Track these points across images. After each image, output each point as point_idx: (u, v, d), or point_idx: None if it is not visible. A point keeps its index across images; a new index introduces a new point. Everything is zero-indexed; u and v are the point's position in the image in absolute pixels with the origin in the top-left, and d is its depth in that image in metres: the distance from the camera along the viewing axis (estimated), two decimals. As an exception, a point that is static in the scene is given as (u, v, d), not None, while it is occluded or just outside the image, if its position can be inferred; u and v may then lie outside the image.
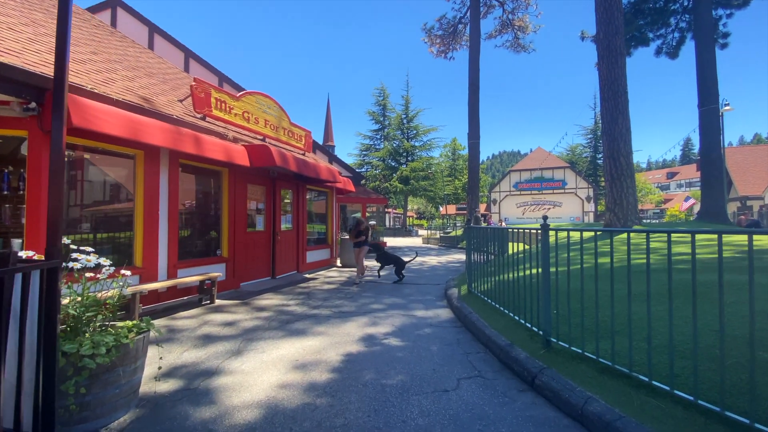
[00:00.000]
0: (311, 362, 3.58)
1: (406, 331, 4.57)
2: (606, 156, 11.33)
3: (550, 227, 3.30)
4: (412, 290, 7.28)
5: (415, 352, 3.86)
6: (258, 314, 5.36)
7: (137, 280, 5.28)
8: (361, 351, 3.87)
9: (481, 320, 4.46)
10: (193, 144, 5.55)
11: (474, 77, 20.62)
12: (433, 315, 5.38)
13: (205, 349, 3.91)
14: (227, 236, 6.95)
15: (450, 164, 44.17)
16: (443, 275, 9.35)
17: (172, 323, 4.85)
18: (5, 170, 4.82)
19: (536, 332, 3.60)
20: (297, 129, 9.40)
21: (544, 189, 36.08)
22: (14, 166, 4.90)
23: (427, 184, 34.87)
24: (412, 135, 36.54)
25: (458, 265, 11.69)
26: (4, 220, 4.76)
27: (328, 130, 37.58)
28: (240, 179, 7.23)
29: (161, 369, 3.27)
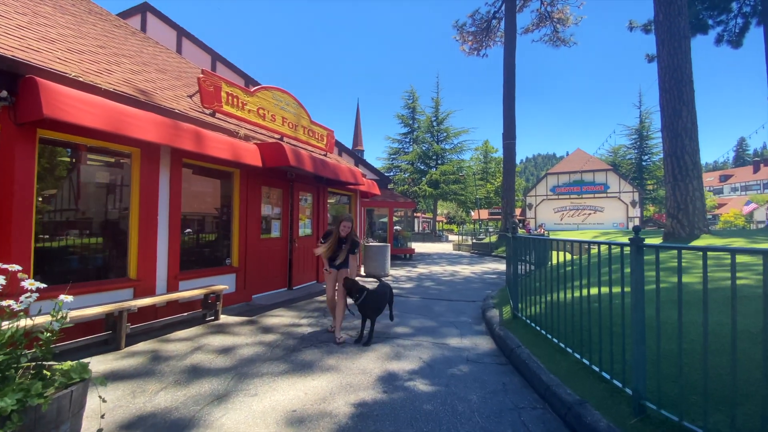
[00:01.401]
0: (312, 416, 2.74)
1: (437, 369, 3.65)
2: (667, 154, 9.89)
3: (645, 243, 2.30)
4: (444, 308, 6.33)
5: (448, 403, 2.93)
6: (262, 337, 4.61)
7: (131, 294, 4.68)
8: (378, 400, 2.99)
9: (533, 359, 3.46)
10: (194, 141, 4.92)
11: (509, 74, 19.37)
12: (470, 345, 4.42)
13: (186, 388, 3.17)
14: (238, 243, 6.31)
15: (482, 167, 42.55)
16: (479, 289, 8.31)
17: (161, 347, 4.18)
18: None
19: (619, 387, 2.59)
20: (318, 128, 8.72)
21: (584, 193, 33.80)
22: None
23: (457, 188, 33.60)
24: (442, 138, 35.43)
25: (495, 276, 10.57)
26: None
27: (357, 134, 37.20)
28: (253, 181, 6.58)
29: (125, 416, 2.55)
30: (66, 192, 4.41)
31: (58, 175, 4.31)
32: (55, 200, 4.31)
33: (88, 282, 4.38)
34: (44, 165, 4.11)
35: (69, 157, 4.38)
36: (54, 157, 4.24)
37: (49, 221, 4.22)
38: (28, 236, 3.75)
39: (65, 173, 4.38)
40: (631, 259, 2.34)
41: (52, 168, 4.21)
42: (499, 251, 18.35)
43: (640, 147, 40.09)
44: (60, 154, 4.29)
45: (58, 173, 4.31)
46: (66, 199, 4.43)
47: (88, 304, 4.18)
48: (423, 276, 10.43)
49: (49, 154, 4.17)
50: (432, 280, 9.59)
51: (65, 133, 4.11)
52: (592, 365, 2.92)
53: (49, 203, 4.23)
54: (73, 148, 4.35)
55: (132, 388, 3.14)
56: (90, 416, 2.64)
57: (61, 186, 4.36)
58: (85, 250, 4.52)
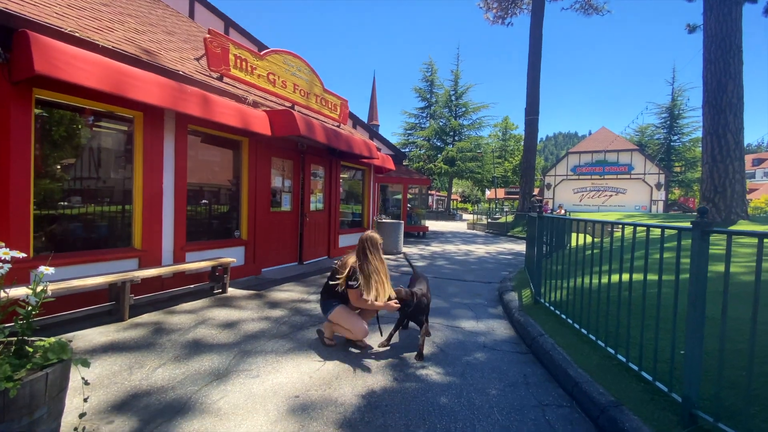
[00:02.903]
0: (316, 402, 2.54)
1: (452, 356, 3.40)
2: (707, 132, 9.16)
3: (711, 227, 1.91)
4: (458, 289, 6.06)
5: (464, 396, 2.68)
6: (269, 312, 4.44)
7: (136, 264, 4.54)
8: (388, 388, 2.77)
9: (558, 350, 3.17)
10: (200, 105, 4.61)
11: (535, 44, 18.26)
12: (486, 329, 4.15)
13: (186, 365, 3.00)
14: (247, 216, 6.09)
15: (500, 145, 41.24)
16: (494, 269, 8.00)
17: (165, 319, 4.05)
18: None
19: (663, 391, 2.28)
20: (331, 96, 8.29)
21: (607, 174, 32.47)
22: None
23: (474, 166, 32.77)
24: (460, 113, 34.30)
25: (510, 257, 10.22)
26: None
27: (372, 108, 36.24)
28: (263, 151, 6.29)
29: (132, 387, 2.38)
30: (67, 158, 4.20)
31: (58, 140, 4.09)
32: (55, 166, 4.10)
33: (92, 251, 4.24)
34: (42, 128, 3.88)
35: (69, 120, 4.14)
36: (53, 120, 4.00)
37: (50, 188, 4.03)
38: (26, 201, 3.57)
39: (66, 137, 4.15)
40: (693, 246, 1.97)
41: (51, 131, 3.98)
42: (515, 231, 17.89)
43: (670, 126, 38.09)
44: (59, 117, 4.05)
45: (58, 137, 4.08)
46: (67, 165, 4.22)
47: (92, 273, 4.05)
48: (436, 254, 10.16)
49: (47, 117, 3.94)
50: (445, 259, 9.31)
51: (63, 94, 3.85)
52: (629, 362, 2.61)
53: (50, 169, 4.03)
54: (72, 110, 4.10)
55: (130, 362, 2.99)
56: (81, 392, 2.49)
57: (61, 151, 4.15)
58: (88, 218, 4.35)
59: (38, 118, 3.80)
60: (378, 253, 3.40)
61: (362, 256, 3.36)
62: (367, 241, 3.40)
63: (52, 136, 4.02)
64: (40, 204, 3.89)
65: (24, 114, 3.56)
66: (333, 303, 3.43)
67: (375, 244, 3.41)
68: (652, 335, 2.56)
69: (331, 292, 3.44)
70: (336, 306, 3.40)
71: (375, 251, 3.38)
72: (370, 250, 3.36)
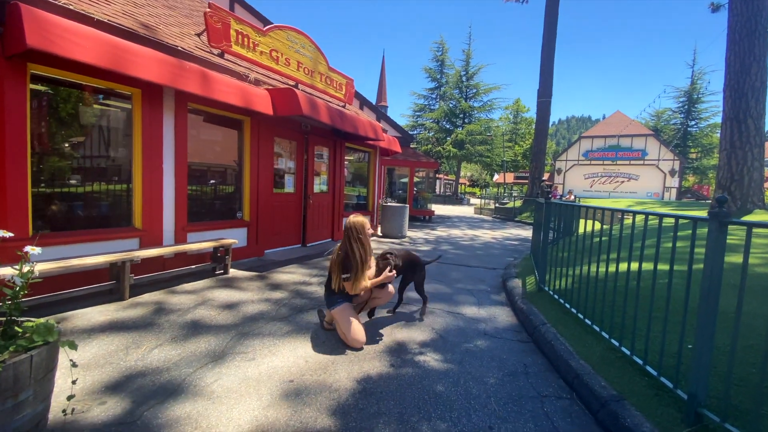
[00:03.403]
0: (311, 387, 2.51)
1: (451, 342, 3.34)
2: (727, 117, 8.79)
3: (730, 219, 1.78)
4: (461, 275, 5.98)
5: (461, 384, 2.63)
6: (270, 294, 4.42)
7: (136, 243, 4.53)
8: (384, 375, 2.72)
9: (560, 340, 3.09)
10: (200, 83, 4.49)
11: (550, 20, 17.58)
12: (488, 316, 4.08)
13: (182, 346, 2.99)
14: (249, 197, 6.03)
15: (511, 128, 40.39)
16: (499, 256, 7.90)
17: (166, 299, 4.05)
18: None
19: (667, 386, 2.19)
20: (336, 75, 8.07)
21: (620, 159, 31.72)
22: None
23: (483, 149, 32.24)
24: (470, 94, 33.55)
25: (516, 243, 10.09)
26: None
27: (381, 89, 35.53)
28: (265, 132, 6.17)
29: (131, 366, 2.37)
30: (65, 135, 4.14)
31: (55, 116, 4.02)
32: (53, 143, 4.04)
33: (92, 230, 4.22)
34: (39, 104, 3.80)
35: (66, 97, 4.05)
36: (49, 96, 3.92)
37: (49, 166, 3.99)
38: (23, 179, 3.53)
39: (63, 114, 4.07)
40: (709, 237, 1.84)
41: (47, 107, 3.91)
42: (523, 217, 17.67)
43: (688, 111, 36.88)
44: (55, 93, 3.97)
45: (55, 114, 4.01)
46: (65, 142, 4.16)
47: (92, 252, 4.04)
48: (441, 239, 10.06)
49: (43, 92, 3.85)
50: (450, 244, 9.22)
51: (59, 69, 3.75)
52: (634, 356, 2.52)
53: (47, 146, 3.98)
54: (69, 86, 4.00)
55: (127, 342, 2.99)
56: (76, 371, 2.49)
57: (59, 128, 4.08)
58: (88, 197, 4.32)
59: (34, 94, 3.72)
60: (365, 238, 3.27)
61: (350, 245, 3.21)
62: (349, 228, 3.24)
63: (49, 112, 3.95)
64: (39, 182, 3.85)
65: (19, 89, 3.48)
66: (338, 299, 3.27)
67: (358, 230, 3.23)
68: (659, 328, 2.46)
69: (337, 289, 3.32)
70: (340, 303, 3.24)
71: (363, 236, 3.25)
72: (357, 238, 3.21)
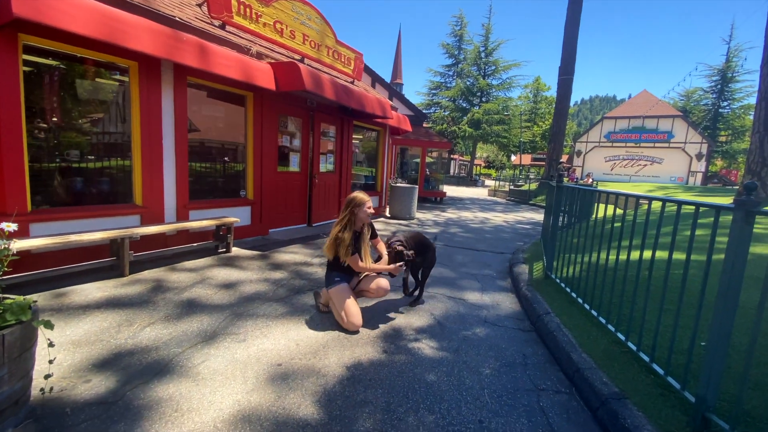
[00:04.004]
0: (299, 371, 2.44)
1: (449, 329, 3.23)
2: (762, 97, 8.18)
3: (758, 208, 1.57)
4: (467, 258, 5.83)
5: (454, 374, 2.53)
6: (269, 274, 4.37)
7: (137, 220, 4.51)
8: (375, 361, 2.64)
9: (564, 331, 2.94)
10: (197, 55, 4.33)
11: (576, -6, 16.55)
12: (491, 303, 3.95)
13: (175, 325, 2.97)
14: (252, 175, 5.94)
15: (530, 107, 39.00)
16: (509, 240, 7.69)
17: (165, 277, 4.04)
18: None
19: (674, 387, 2.03)
20: (344, 49, 7.77)
21: (644, 141, 30.39)
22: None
23: (500, 129, 31.28)
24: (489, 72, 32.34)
25: (529, 227, 9.83)
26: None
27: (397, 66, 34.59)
28: (269, 108, 6.01)
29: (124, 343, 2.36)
30: (61, 109, 4.07)
31: (50, 90, 3.94)
32: (50, 118, 3.99)
33: (92, 206, 4.21)
34: (32, 77, 3.72)
35: (60, 69, 3.96)
36: (43, 68, 3.83)
37: (47, 141, 3.95)
38: (19, 152, 3.49)
39: (58, 88, 4.00)
40: (733, 227, 1.64)
41: (41, 80, 3.83)
42: (538, 200, 17.24)
43: (721, 91, 34.85)
44: (49, 65, 3.88)
45: (49, 87, 3.93)
46: (62, 117, 4.10)
47: (93, 228, 4.04)
48: (451, 221, 9.87)
49: (37, 65, 3.76)
50: (459, 227, 9.03)
51: (51, 40, 3.65)
52: (640, 351, 2.36)
53: (44, 120, 3.93)
54: (63, 58, 3.90)
55: (120, 320, 2.98)
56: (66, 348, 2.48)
57: (55, 102, 4.01)
58: (88, 173, 4.29)
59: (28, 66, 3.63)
60: (361, 211, 3.16)
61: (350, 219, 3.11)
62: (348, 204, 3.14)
63: (44, 86, 3.87)
64: (38, 158, 3.83)
65: (10, 60, 3.39)
66: (335, 277, 3.18)
67: (357, 205, 3.12)
68: (670, 322, 2.29)
69: (334, 264, 3.22)
70: (338, 282, 3.14)
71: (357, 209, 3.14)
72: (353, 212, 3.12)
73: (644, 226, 2.63)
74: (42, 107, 3.89)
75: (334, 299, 3.11)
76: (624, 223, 2.94)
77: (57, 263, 3.72)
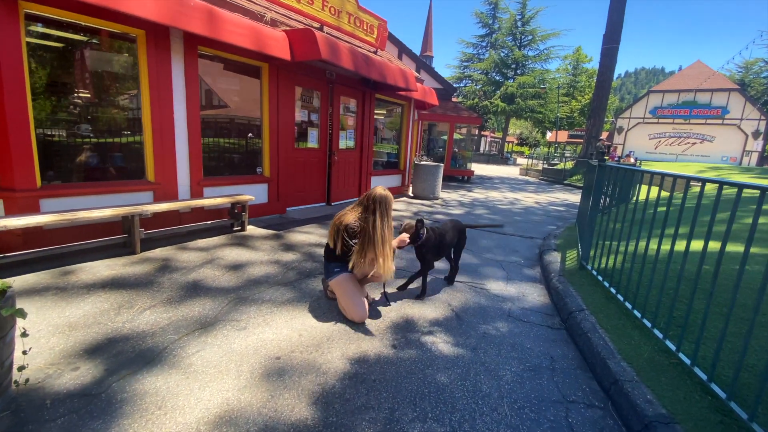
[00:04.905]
0: (297, 366, 2.24)
1: (467, 323, 2.94)
2: None
3: None
4: (493, 243, 5.44)
5: (471, 377, 2.25)
6: (281, 255, 4.20)
7: (150, 197, 4.42)
8: (382, 357, 2.40)
9: (599, 332, 2.57)
10: (204, 22, 4.06)
11: (628, -49, 14.87)
12: (516, 294, 3.60)
13: (176, 309, 2.83)
14: (269, 151, 5.73)
15: (569, 80, 36.54)
16: (539, 223, 7.18)
17: (175, 255, 3.95)
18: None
19: (738, 414, 1.66)
20: (366, 16, 7.26)
21: (694, 117, 27.85)
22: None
23: (535, 104, 29.61)
24: (525, 42, 30.43)
25: (562, 209, 9.21)
26: None
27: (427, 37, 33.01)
28: (285, 80, 5.71)
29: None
30: (69, 81, 3.94)
31: (55, 61, 3.81)
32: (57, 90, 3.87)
33: (104, 182, 4.14)
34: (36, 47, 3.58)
35: (65, 39, 3.81)
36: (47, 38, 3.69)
37: (54, 114, 3.85)
38: (25, 124, 3.39)
39: (63, 59, 3.85)
40: None
41: (45, 51, 3.69)
42: (573, 179, 16.27)
43: (789, 60, 31.22)
44: (53, 35, 3.72)
45: (54, 58, 3.80)
46: (70, 89, 3.97)
47: (104, 204, 3.98)
48: (477, 202, 9.39)
49: (40, 34, 3.62)
50: (486, 208, 8.55)
51: (53, 7, 3.47)
52: (694, 366, 1.97)
53: (50, 93, 3.81)
54: (67, 27, 3.73)
55: (122, 301, 2.88)
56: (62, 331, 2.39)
57: (61, 74, 3.88)
58: (100, 148, 4.20)
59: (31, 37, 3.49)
60: (388, 219, 2.82)
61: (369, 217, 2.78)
62: (379, 203, 2.80)
63: (48, 56, 3.74)
64: (47, 133, 3.74)
65: (12, 29, 3.24)
66: (335, 268, 2.94)
67: (387, 207, 2.83)
68: (737, 330, 1.89)
69: (333, 253, 2.98)
70: (338, 273, 2.90)
71: (385, 215, 2.81)
72: (381, 213, 2.79)
73: (712, 211, 2.18)
74: (48, 80, 3.76)
75: (336, 291, 2.88)
76: (672, 205, 2.48)
77: (71, 239, 3.69)
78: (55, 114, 3.84)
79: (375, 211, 2.78)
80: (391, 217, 2.87)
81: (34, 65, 3.56)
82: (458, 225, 3.61)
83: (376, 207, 2.79)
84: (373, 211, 2.79)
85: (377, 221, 2.76)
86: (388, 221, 2.83)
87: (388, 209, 2.84)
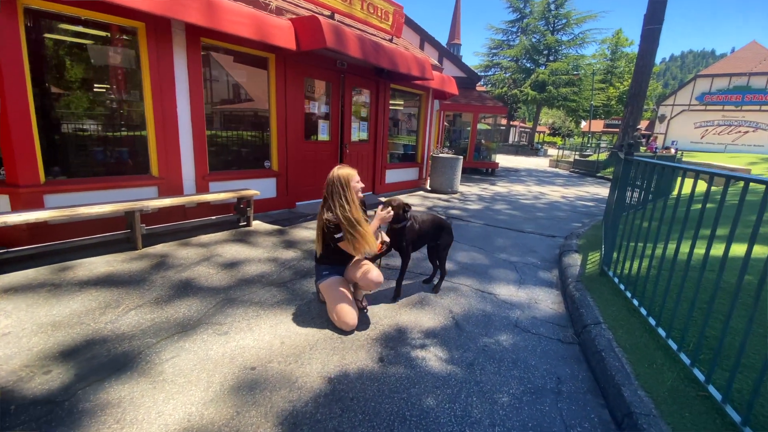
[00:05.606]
0: (272, 379, 2.08)
1: (467, 333, 2.68)
2: None
3: None
4: (509, 241, 5.09)
5: (461, 401, 2.01)
6: (280, 253, 4.07)
7: (155, 192, 4.41)
8: (366, 372, 2.19)
9: (616, 351, 2.25)
10: (202, 11, 3.94)
11: None
12: (527, 301, 3.29)
13: (162, 308, 2.75)
14: (277, 145, 5.61)
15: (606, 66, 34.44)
16: (564, 219, 6.71)
17: (174, 252, 3.90)
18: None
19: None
20: (380, 1, 6.91)
21: (747, 104, 25.49)
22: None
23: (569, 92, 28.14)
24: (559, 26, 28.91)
25: (591, 204, 8.62)
26: None
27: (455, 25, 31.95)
28: (293, 70, 5.54)
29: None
30: (70, 76, 3.94)
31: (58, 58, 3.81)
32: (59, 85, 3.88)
33: (107, 177, 4.14)
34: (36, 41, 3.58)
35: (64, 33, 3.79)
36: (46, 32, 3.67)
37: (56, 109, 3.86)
38: (27, 123, 3.41)
39: (64, 52, 3.85)
40: None
41: (45, 45, 3.68)
42: (607, 172, 15.34)
43: None
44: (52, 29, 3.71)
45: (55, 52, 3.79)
46: (72, 84, 3.97)
47: (108, 200, 3.98)
48: (498, 197, 8.95)
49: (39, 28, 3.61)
50: (507, 203, 8.12)
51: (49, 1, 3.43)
52: (727, 404, 1.64)
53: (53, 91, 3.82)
54: (65, 21, 3.71)
55: (110, 299, 2.83)
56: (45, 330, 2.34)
57: (62, 69, 3.88)
58: (104, 142, 4.20)
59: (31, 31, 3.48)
60: (349, 195, 2.57)
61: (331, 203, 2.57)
62: (333, 184, 2.58)
63: (48, 51, 3.73)
64: (50, 128, 3.76)
65: (11, 24, 3.24)
66: (323, 271, 2.74)
67: (343, 185, 2.56)
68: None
69: (321, 255, 2.76)
70: (327, 277, 2.71)
71: (345, 195, 2.56)
72: (339, 195, 2.55)
73: (759, 211, 1.81)
74: (49, 76, 3.77)
75: (325, 295, 2.69)
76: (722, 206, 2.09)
77: (76, 235, 3.70)
78: (56, 109, 3.84)
79: (333, 194, 2.56)
80: (353, 192, 2.61)
81: (34, 61, 3.55)
82: (438, 220, 3.24)
83: (333, 190, 2.56)
84: (332, 195, 2.57)
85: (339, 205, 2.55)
86: (351, 196, 2.58)
87: (346, 187, 2.57)
